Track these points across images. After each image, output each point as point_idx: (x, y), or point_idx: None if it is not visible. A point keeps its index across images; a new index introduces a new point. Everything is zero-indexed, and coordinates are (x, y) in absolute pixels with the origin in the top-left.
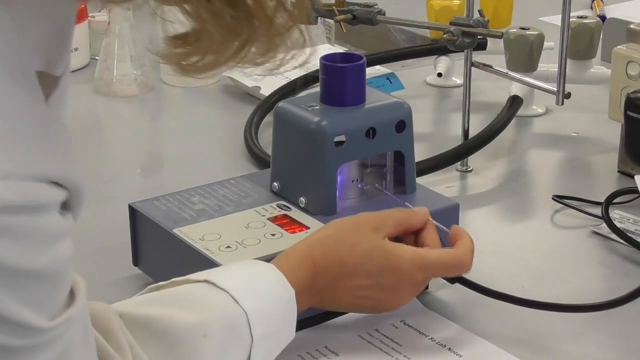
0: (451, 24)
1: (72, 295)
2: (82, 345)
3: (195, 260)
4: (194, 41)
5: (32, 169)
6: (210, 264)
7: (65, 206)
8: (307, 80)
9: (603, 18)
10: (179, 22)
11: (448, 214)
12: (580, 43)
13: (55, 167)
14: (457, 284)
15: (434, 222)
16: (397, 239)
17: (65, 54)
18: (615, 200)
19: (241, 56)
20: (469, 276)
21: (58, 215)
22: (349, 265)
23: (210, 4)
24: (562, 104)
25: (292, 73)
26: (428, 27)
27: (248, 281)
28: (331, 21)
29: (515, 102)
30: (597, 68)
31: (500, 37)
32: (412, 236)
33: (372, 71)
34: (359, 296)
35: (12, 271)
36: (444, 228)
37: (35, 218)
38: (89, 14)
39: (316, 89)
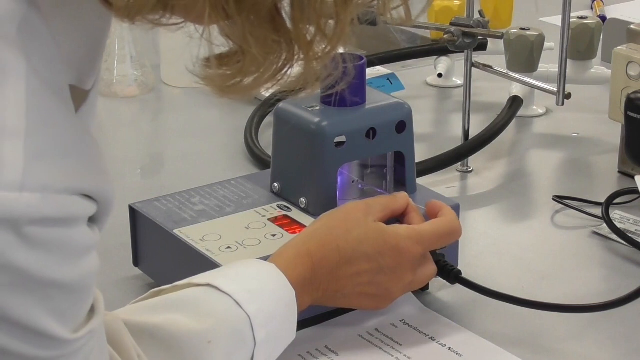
0: (451, 24)
1: (92, 308)
2: (99, 357)
3: (195, 261)
4: (236, 63)
5: (67, 182)
6: (210, 264)
7: (92, 219)
8: None
9: (603, 18)
10: (217, 43)
11: (454, 214)
12: (581, 43)
13: (88, 181)
14: (457, 284)
15: (415, 204)
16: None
17: (96, 68)
18: (615, 201)
19: (279, 78)
20: (469, 276)
21: (87, 228)
22: (346, 251)
23: (255, 27)
24: (563, 104)
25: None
26: (428, 28)
27: (250, 283)
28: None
29: (515, 102)
30: (597, 68)
31: (500, 37)
32: (396, 222)
33: (372, 72)
34: (361, 283)
35: (43, 283)
36: (422, 208)
37: (68, 231)
38: None
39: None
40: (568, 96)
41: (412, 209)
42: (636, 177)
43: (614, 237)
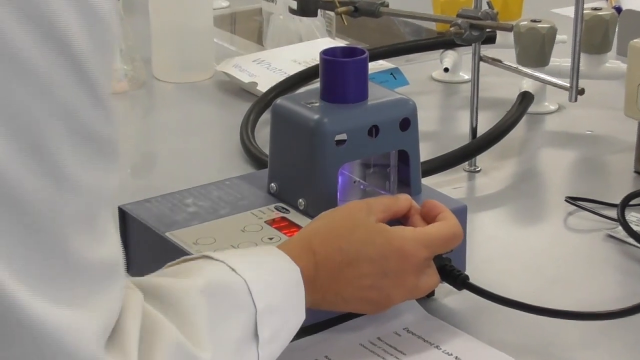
0: (458, 16)
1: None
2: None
3: None
4: None
5: None
6: None
7: None
8: (306, 76)
9: (619, 10)
10: None
11: (456, 215)
12: (595, 36)
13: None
14: (464, 290)
15: (418, 206)
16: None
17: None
18: (631, 202)
19: None
20: (477, 282)
21: None
22: (349, 252)
23: None
24: (576, 100)
25: (290, 68)
26: (434, 20)
27: (245, 254)
28: (332, 13)
29: (526, 98)
30: (612, 62)
31: (510, 30)
32: (398, 224)
33: (375, 66)
34: (362, 286)
35: None
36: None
37: None
38: None
39: (316, 85)
40: (581, 92)
41: (415, 211)
42: None
43: (630, 240)
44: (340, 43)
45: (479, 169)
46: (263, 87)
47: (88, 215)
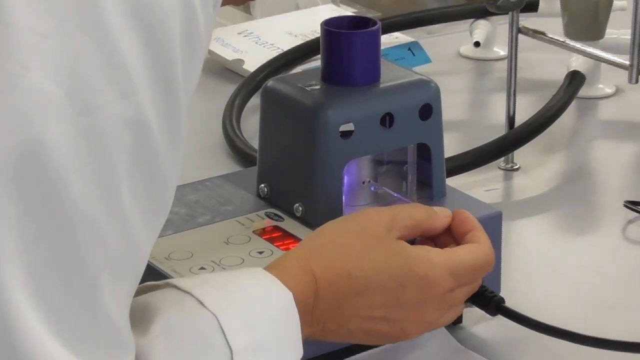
0: None
1: None
2: None
3: None
4: None
5: None
6: None
7: None
8: (304, 52)
9: None
10: None
11: (488, 226)
12: None
13: None
14: (498, 316)
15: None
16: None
17: None
18: None
19: None
20: (514, 306)
21: None
22: (359, 280)
23: None
24: (637, 82)
25: (284, 42)
26: None
27: (221, 280)
28: None
29: (575, 79)
30: None
31: None
32: (430, 242)
33: (389, 40)
34: (371, 318)
35: None
36: None
37: None
38: None
39: (316, 63)
40: None
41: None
42: None
43: None
44: (346, 12)
45: (517, 166)
46: (251, 65)
47: (121, 266)
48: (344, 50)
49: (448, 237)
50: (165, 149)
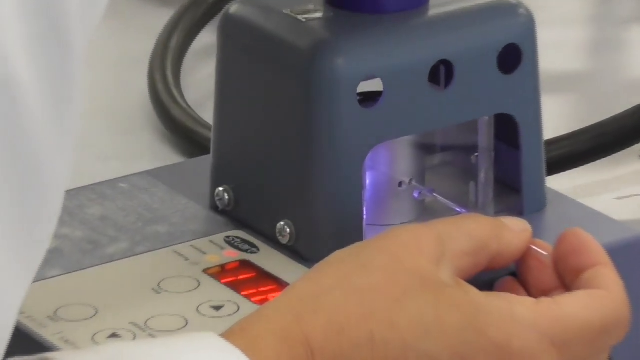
0: None
1: None
2: None
3: None
4: None
5: None
6: None
7: None
8: None
9: None
10: None
11: (622, 258)
12: None
13: None
14: None
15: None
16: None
17: None
18: None
19: None
20: None
21: None
22: (389, 347)
23: None
24: None
25: None
26: None
27: (145, 350)
28: None
29: None
30: None
31: None
32: (517, 286)
33: None
34: None
35: None
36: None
37: None
38: None
39: None
40: None
41: (536, 252)
42: None
43: None
44: None
45: None
46: None
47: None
48: None
49: (549, 276)
50: (46, 124)
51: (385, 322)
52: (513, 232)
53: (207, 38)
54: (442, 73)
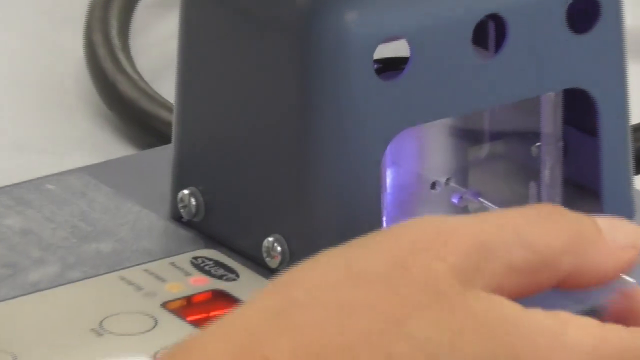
0: None
1: None
2: None
3: None
4: None
5: None
6: None
7: None
8: None
9: None
10: None
11: None
12: None
13: None
14: None
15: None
16: None
17: None
18: None
19: None
20: None
21: None
22: None
23: None
24: None
25: None
26: None
27: None
28: None
29: None
30: None
31: None
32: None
33: None
34: None
35: None
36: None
37: None
38: None
39: None
40: None
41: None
42: None
43: None
44: None
45: None
46: None
47: None
48: None
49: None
50: None
51: (379, 351)
52: (608, 246)
53: None
54: (491, 32)
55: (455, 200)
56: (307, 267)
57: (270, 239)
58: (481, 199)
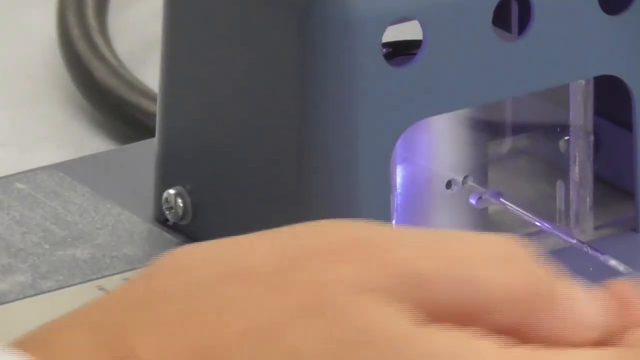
0: None
1: None
2: None
3: None
4: None
5: None
6: None
7: None
8: None
9: None
10: None
11: None
12: None
13: None
14: None
15: None
16: None
17: None
18: None
19: None
20: None
21: None
22: None
23: None
24: None
25: None
26: None
27: None
28: None
29: None
30: None
31: None
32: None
33: None
34: None
35: None
36: None
37: None
38: None
39: None
40: None
41: None
42: None
43: None
44: None
45: None
46: None
47: None
48: None
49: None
50: None
51: (252, 357)
52: (564, 318)
53: None
54: (514, 12)
55: (473, 201)
56: (189, 255)
57: None
58: (502, 200)
